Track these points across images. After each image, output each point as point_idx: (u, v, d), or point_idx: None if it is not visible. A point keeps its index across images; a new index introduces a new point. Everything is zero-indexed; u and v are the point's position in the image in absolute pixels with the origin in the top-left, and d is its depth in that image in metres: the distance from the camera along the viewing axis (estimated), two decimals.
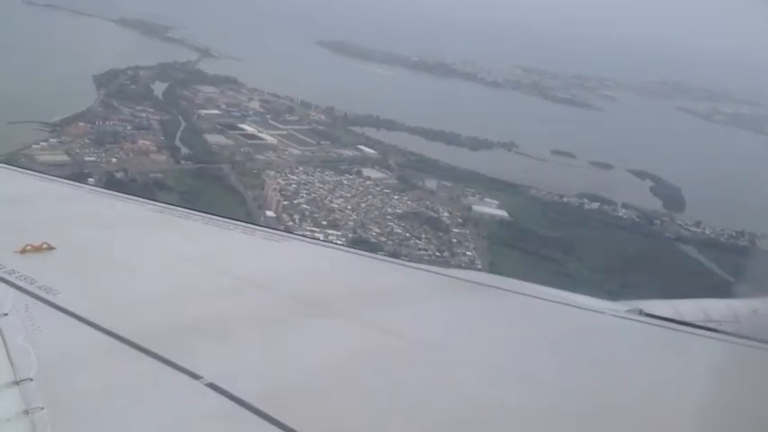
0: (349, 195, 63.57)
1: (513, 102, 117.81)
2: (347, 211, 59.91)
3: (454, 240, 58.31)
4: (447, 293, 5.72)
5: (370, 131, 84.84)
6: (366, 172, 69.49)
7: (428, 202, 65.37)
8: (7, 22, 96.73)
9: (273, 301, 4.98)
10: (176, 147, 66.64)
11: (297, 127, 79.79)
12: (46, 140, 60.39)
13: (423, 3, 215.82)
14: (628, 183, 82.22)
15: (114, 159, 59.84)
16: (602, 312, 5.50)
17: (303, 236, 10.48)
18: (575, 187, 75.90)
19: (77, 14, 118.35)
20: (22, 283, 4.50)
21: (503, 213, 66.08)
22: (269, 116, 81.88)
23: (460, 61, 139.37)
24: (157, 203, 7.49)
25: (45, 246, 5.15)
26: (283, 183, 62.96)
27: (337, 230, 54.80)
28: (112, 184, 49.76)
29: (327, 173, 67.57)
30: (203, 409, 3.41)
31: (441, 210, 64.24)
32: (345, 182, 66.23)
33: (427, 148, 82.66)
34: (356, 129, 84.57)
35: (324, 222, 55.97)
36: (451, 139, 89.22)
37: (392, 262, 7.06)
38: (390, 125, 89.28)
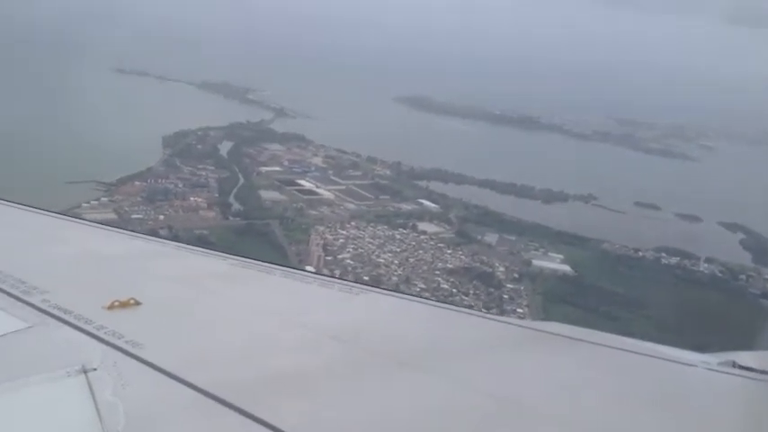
0: (399, 250, 61.39)
1: (599, 154, 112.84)
2: (393, 266, 57.71)
3: (506, 296, 55.15)
4: (529, 346, 5.61)
5: (436, 185, 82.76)
6: (423, 226, 67.26)
7: (484, 257, 62.32)
8: (96, 89, 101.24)
9: (353, 355, 5.02)
10: (228, 203, 66.55)
11: (358, 182, 78.59)
12: (97, 199, 61.27)
13: (507, 56, 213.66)
14: (717, 236, 76.04)
15: (162, 217, 59.96)
16: (694, 365, 5.28)
17: (383, 288, 10.60)
18: (654, 241, 70.78)
19: (163, 80, 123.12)
20: (110, 338, 4.58)
21: (566, 268, 62.21)
22: (331, 172, 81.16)
23: (547, 113, 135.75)
24: (239, 258, 7.61)
25: (132, 301, 5.26)
26: (331, 238, 61.51)
27: (379, 286, 52.30)
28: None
29: (381, 227, 65.73)
30: None
31: (496, 264, 61.06)
32: (398, 236, 64.20)
33: (495, 202, 79.89)
34: (421, 183, 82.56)
35: (366, 278, 53.60)
36: (523, 192, 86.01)
37: (473, 314, 6.90)
38: (459, 179, 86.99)
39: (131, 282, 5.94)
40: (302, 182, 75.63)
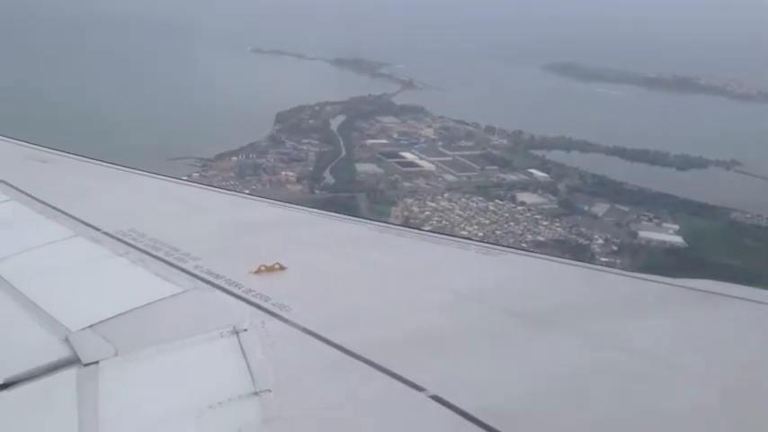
0: (488, 222, 57.81)
1: (759, 117, 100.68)
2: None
3: None
4: (673, 303, 5.33)
5: (557, 154, 77.69)
6: (524, 197, 62.99)
7: (584, 229, 56.99)
8: (231, 69, 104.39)
9: (492, 315, 5.00)
10: (320, 177, 65.56)
11: (467, 153, 75.03)
12: (189, 175, 62.15)
13: (660, 19, 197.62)
14: None
15: (247, 191, 59.78)
16: None
17: (522, 250, 11.44)
18: None
19: (299, 58, 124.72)
20: (257, 301, 4.79)
21: (677, 239, 55.73)
22: (441, 143, 78.13)
23: (707, 75, 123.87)
24: (376, 223, 7.92)
25: (277, 266, 5.46)
26: (417, 210, 58.96)
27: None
28: None
29: (476, 199, 62.04)
30: (428, 421, 3.55)
31: (596, 237, 55.67)
32: (492, 208, 60.45)
33: (621, 170, 73.56)
34: (538, 152, 77.42)
35: None
36: (657, 159, 78.80)
37: (615, 273, 6.59)
38: (585, 146, 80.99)
39: (275, 247, 6.09)
40: (406, 154, 73.22)
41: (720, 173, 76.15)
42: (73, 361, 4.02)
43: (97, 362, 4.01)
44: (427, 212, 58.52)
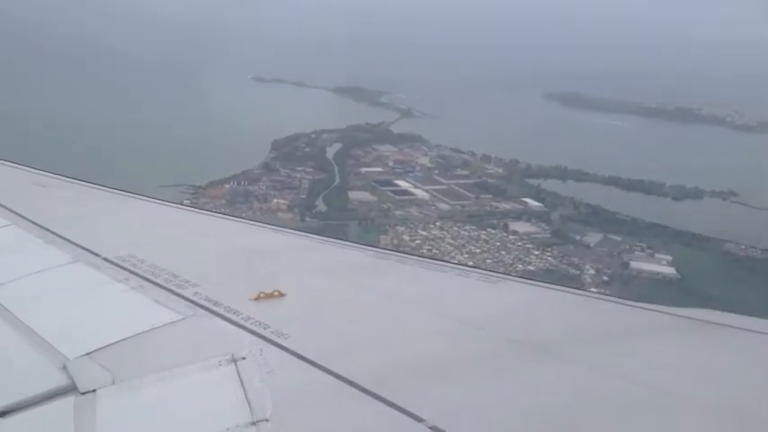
0: (479, 251, 57.48)
1: (759, 147, 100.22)
2: (474, 266, 53.42)
3: None
4: (672, 332, 5.40)
5: (552, 183, 77.41)
6: (517, 226, 62.81)
7: (576, 259, 56.51)
8: (231, 97, 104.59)
9: (492, 343, 4.98)
10: (312, 205, 65.34)
11: (462, 181, 74.92)
12: (181, 202, 61.87)
13: (664, 49, 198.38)
14: None
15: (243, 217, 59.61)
16: None
17: (521, 277, 11.05)
18: None
19: (299, 86, 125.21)
20: (256, 328, 4.76)
21: (669, 271, 55.03)
22: (436, 171, 78.02)
23: (708, 105, 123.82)
24: (375, 249, 7.93)
25: (276, 293, 5.46)
26: (407, 238, 58.66)
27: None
28: None
29: (468, 227, 61.72)
30: None
31: (587, 267, 55.13)
32: (484, 237, 60.05)
33: (617, 199, 73.22)
34: (533, 181, 77.09)
35: None
36: (652, 189, 78.39)
37: (617, 302, 6.45)
38: (580, 176, 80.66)
39: (275, 273, 6.12)
40: (400, 182, 73.09)
41: (716, 203, 75.63)
42: (70, 389, 4.02)
43: (94, 390, 4.02)
44: (418, 241, 58.19)
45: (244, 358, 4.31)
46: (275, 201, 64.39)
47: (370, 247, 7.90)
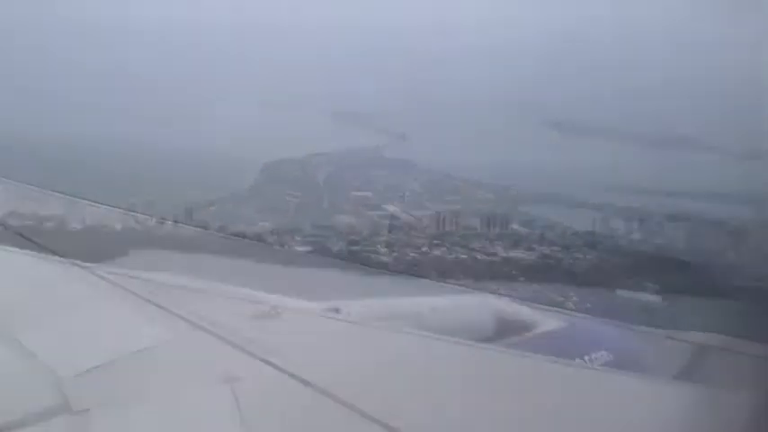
0: (463, 276, 56.49)
1: (758, 173, 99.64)
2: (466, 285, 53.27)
3: None
4: (669, 355, 5.54)
5: (543, 209, 76.62)
6: (502, 251, 61.91)
7: (560, 284, 55.66)
8: (229, 121, 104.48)
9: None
10: (297, 229, 64.80)
11: (451, 207, 74.04)
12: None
13: (664, 75, 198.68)
14: None
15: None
16: None
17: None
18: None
19: (294, 110, 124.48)
20: (252, 348, 4.84)
21: (653, 299, 54.15)
22: (426, 196, 77.34)
23: (708, 133, 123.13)
24: (377, 269, 9.45)
25: (273, 311, 5.62)
26: (390, 261, 57.84)
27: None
28: None
29: (454, 251, 61.29)
30: None
31: (571, 294, 53.88)
32: (469, 262, 59.73)
33: (608, 226, 72.51)
34: (524, 207, 76.49)
35: None
36: (644, 216, 77.27)
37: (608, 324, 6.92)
38: (572, 202, 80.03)
39: (271, 291, 6.04)
40: (388, 207, 72.52)
41: (707, 229, 74.89)
42: (63, 408, 3.97)
43: (88, 409, 4.00)
44: (401, 266, 57.52)
45: (239, 378, 4.31)
46: (260, 224, 64.22)
47: (368, 267, 8.78)
